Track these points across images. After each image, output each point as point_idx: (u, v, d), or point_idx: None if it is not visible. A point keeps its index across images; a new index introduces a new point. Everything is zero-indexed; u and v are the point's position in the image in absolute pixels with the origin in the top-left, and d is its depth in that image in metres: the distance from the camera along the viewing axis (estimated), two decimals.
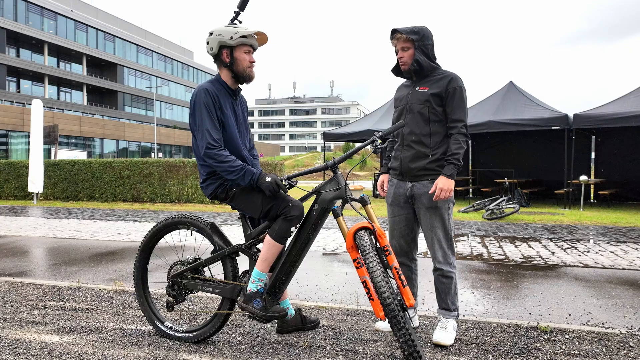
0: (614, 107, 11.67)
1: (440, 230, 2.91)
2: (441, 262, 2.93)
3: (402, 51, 2.93)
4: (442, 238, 2.92)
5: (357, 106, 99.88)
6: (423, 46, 2.89)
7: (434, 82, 2.91)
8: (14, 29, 40.92)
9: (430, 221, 2.92)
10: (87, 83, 49.74)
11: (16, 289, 4.20)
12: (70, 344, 2.86)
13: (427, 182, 2.91)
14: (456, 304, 2.96)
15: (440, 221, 2.91)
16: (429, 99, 2.88)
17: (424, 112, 2.89)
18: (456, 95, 2.87)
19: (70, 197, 14.96)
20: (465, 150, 2.89)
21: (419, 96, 2.92)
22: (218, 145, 2.67)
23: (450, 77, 2.89)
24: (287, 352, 2.73)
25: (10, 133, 32.13)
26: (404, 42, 2.90)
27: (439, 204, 2.89)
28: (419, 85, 2.95)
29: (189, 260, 2.99)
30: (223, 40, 2.73)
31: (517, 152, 15.00)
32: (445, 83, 2.88)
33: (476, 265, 5.39)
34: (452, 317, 2.94)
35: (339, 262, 5.59)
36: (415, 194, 2.93)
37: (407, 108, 2.97)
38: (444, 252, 2.92)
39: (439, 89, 2.88)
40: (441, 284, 2.96)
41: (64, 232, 8.16)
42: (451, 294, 2.94)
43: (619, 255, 5.92)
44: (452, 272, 2.93)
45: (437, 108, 2.88)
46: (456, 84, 2.87)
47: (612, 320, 3.44)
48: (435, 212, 2.90)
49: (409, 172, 2.95)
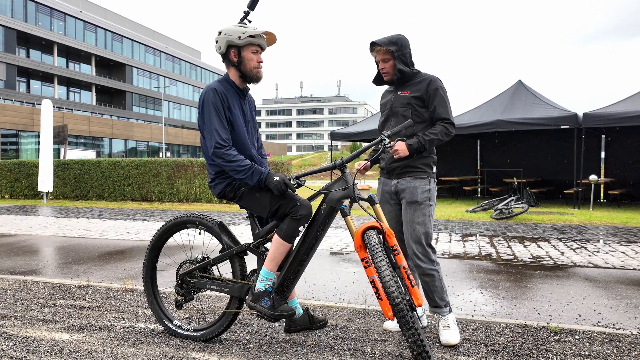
0: (625, 106, 11.54)
1: (420, 226, 2.94)
2: (422, 259, 2.93)
3: (383, 62, 3.04)
4: (421, 234, 2.94)
5: (365, 106, 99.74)
6: (402, 55, 3.00)
7: (414, 85, 3.03)
8: (24, 29, 41.31)
9: (410, 216, 2.97)
10: (96, 83, 50.10)
11: (27, 287, 4.24)
12: (80, 342, 2.88)
13: (410, 178, 2.99)
14: (445, 299, 2.96)
15: (421, 217, 2.95)
16: (411, 102, 3.00)
17: (406, 114, 3.01)
18: (437, 96, 2.97)
19: (80, 196, 15.08)
20: (439, 139, 2.93)
21: (402, 100, 3.04)
22: (226, 145, 2.68)
23: (429, 79, 3.00)
24: (295, 351, 2.73)
25: (20, 133, 32.45)
26: (383, 54, 3.01)
27: (420, 199, 2.94)
28: (401, 90, 3.07)
29: (197, 259, 3.00)
30: (231, 39, 2.74)
31: (525, 151, 14.90)
32: (424, 86, 2.99)
33: (485, 265, 5.36)
34: (446, 313, 2.94)
35: (346, 261, 5.59)
36: (399, 190, 3.03)
37: (392, 112, 3.09)
38: (423, 249, 2.94)
39: (420, 92, 2.99)
40: (424, 283, 2.97)
41: (73, 231, 8.23)
42: (437, 290, 2.94)
43: (629, 256, 5.86)
44: (433, 269, 2.94)
45: (419, 110, 3.00)
46: (435, 84, 2.98)
47: (623, 321, 3.41)
48: (415, 207, 2.95)
49: (394, 170, 3.05)
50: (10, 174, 15.99)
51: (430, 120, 3.01)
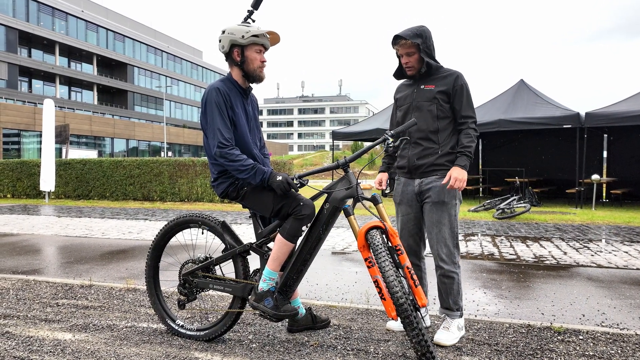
0: (627, 105, 11.51)
1: (446, 227, 2.87)
2: (445, 261, 2.88)
3: (408, 56, 2.91)
4: (447, 235, 2.88)
5: (366, 105, 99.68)
6: (427, 48, 2.89)
7: (439, 79, 2.92)
8: (26, 29, 41.36)
9: (436, 217, 2.88)
10: (97, 83, 50.16)
11: (29, 286, 4.24)
12: (82, 342, 2.88)
13: (435, 177, 2.89)
14: (459, 303, 2.92)
15: (447, 217, 2.87)
16: (437, 97, 2.89)
17: (432, 109, 2.90)
18: (464, 93, 2.90)
19: (82, 195, 15.09)
20: (475, 142, 2.89)
21: (426, 94, 2.92)
22: (229, 144, 2.67)
23: (456, 75, 2.92)
24: (298, 351, 2.73)
25: (22, 132, 32.49)
26: (408, 47, 2.88)
27: (447, 199, 2.85)
28: (423, 84, 2.95)
29: (200, 259, 2.99)
30: (234, 38, 2.73)
31: (528, 151, 14.87)
32: (451, 81, 2.90)
33: (487, 265, 5.34)
34: (455, 317, 2.91)
35: (349, 261, 5.58)
36: (423, 190, 2.92)
37: (414, 106, 2.97)
38: (449, 250, 2.88)
39: (446, 87, 2.89)
40: (442, 284, 2.93)
41: (75, 230, 8.23)
42: (454, 294, 2.91)
43: (632, 255, 5.84)
44: (454, 272, 2.89)
45: (444, 105, 2.90)
46: (461, 81, 2.91)
47: (626, 321, 3.39)
48: (442, 208, 2.87)
49: (418, 169, 2.93)
50: (13, 173, 16.02)
51: (452, 117, 2.93)
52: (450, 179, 2.77)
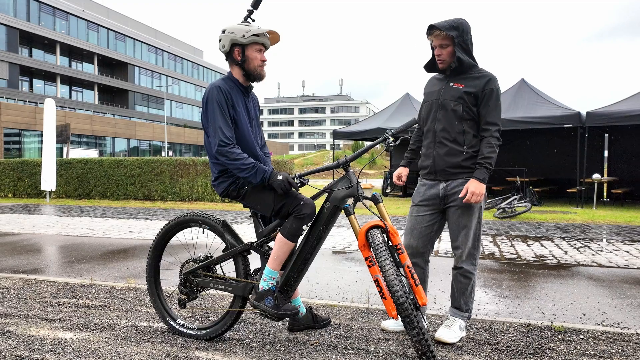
0: (628, 104, 11.50)
1: (472, 231, 2.83)
2: (465, 261, 2.86)
3: (441, 48, 2.79)
4: (471, 238, 2.84)
5: (367, 104, 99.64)
6: (463, 42, 2.76)
7: (470, 79, 2.79)
8: (27, 29, 41.39)
9: (463, 221, 2.82)
10: (98, 82, 50.19)
11: (30, 286, 4.25)
12: (83, 341, 2.88)
13: (462, 180, 2.80)
14: (469, 305, 2.91)
15: (473, 221, 2.83)
16: (463, 97, 2.77)
17: (457, 109, 2.78)
18: (493, 97, 2.76)
19: (83, 195, 15.11)
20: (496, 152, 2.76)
21: (453, 92, 2.80)
22: (230, 143, 2.67)
23: (489, 77, 2.78)
24: (299, 350, 2.73)
25: (23, 132, 32.53)
26: (442, 39, 2.76)
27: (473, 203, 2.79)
28: (453, 81, 2.83)
29: (200, 258, 2.99)
30: (235, 38, 2.73)
31: (528, 150, 14.86)
32: (482, 83, 2.76)
33: (488, 264, 5.34)
34: (462, 317, 2.90)
35: (349, 260, 5.58)
36: (449, 193, 2.82)
37: (439, 104, 2.85)
38: (470, 252, 2.85)
39: (475, 89, 2.76)
40: (458, 282, 2.90)
41: (76, 229, 8.24)
42: (467, 294, 2.89)
43: (633, 255, 5.84)
44: (472, 273, 2.88)
45: (471, 107, 2.78)
46: (493, 85, 2.77)
47: (627, 321, 3.39)
48: (468, 212, 2.81)
49: (444, 170, 2.84)
50: (14, 173, 16.03)
51: (477, 120, 2.80)
52: (467, 192, 2.70)
